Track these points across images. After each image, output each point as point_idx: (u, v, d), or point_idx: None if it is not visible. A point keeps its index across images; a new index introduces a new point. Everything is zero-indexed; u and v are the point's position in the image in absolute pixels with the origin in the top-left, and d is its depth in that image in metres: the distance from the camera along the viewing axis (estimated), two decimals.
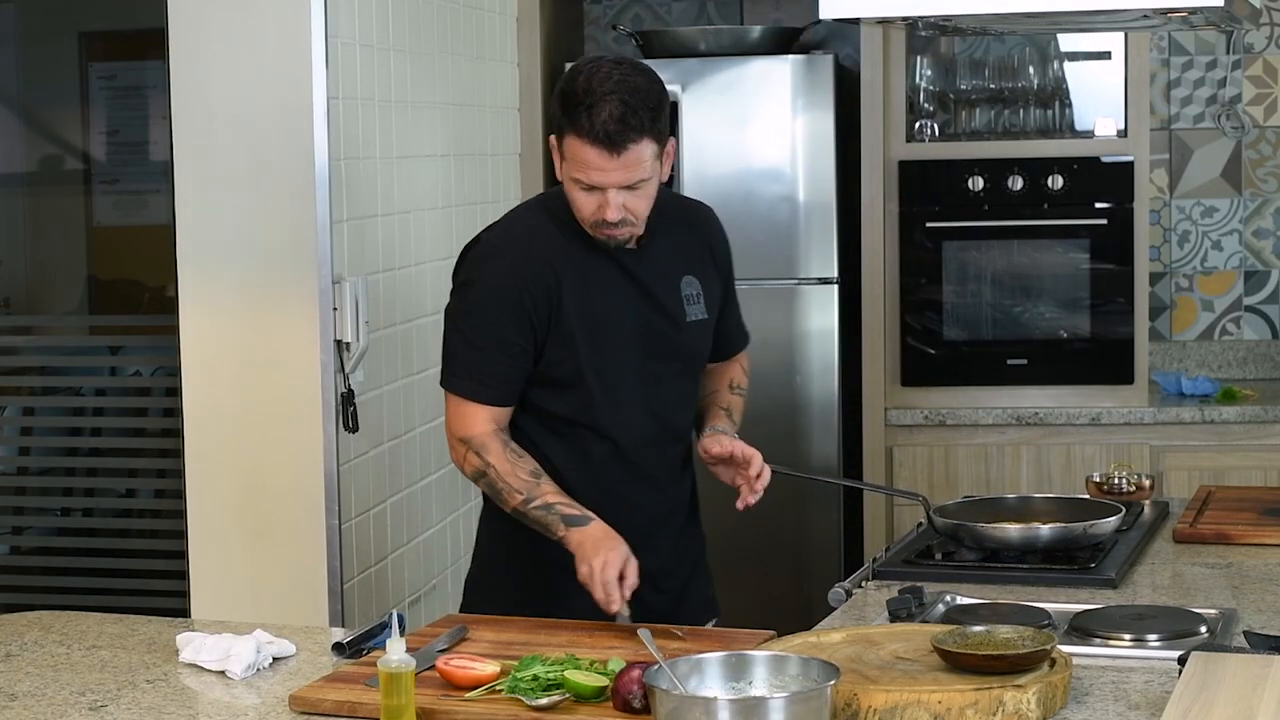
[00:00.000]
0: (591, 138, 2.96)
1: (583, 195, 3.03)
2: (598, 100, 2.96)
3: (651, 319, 3.18)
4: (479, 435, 3.10)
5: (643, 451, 3.21)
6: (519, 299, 3.08)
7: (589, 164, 2.99)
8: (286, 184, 3.88)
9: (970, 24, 3.48)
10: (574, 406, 3.15)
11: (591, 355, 3.12)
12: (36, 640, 3.00)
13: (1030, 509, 3.51)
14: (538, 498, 3.05)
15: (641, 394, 3.19)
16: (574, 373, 3.13)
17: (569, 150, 3.01)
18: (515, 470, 3.07)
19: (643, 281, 3.18)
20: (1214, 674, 2.37)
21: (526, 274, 3.09)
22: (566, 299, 3.10)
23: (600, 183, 3.00)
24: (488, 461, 3.08)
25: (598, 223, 3.05)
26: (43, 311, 5.53)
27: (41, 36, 5.50)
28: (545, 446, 3.17)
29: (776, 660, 2.42)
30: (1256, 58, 5.63)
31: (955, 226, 5.32)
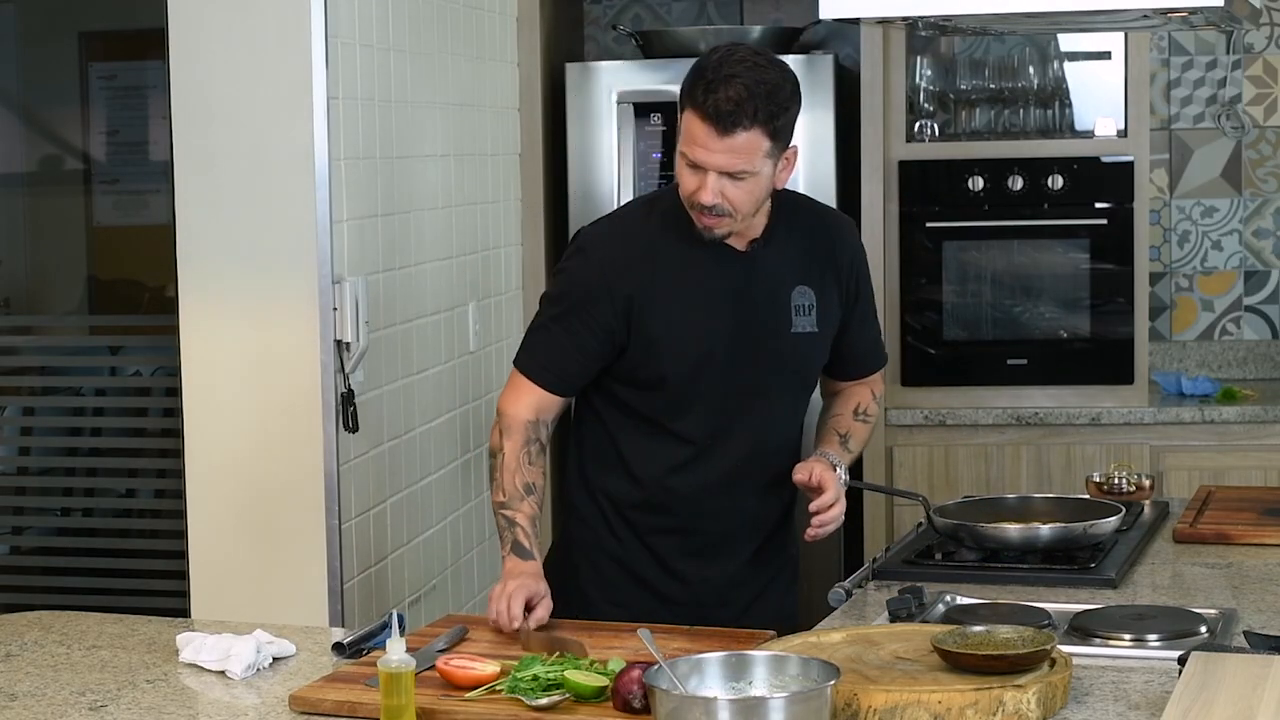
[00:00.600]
0: (704, 113, 2.93)
1: (687, 172, 3.00)
2: (723, 79, 2.93)
3: (751, 327, 3.12)
4: (513, 417, 3.10)
5: (725, 460, 3.16)
6: (598, 301, 3.07)
7: (697, 140, 2.96)
8: (286, 184, 3.88)
9: (970, 24, 3.48)
10: (654, 407, 3.14)
11: (675, 360, 3.09)
12: (36, 640, 3.00)
13: (1030, 509, 3.51)
14: (512, 510, 3.04)
15: (734, 403, 3.14)
16: (656, 377, 3.11)
17: (685, 123, 2.98)
18: (516, 472, 3.07)
19: (746, 287, 3.11)
20: (1214, 674, 2.37)
21: (613, 277, 3.08)
22: (654, 304, 3.07)
23: (703, 161, 2.96)
24: (503, 448, 3.09)
25: (694, 205, 3.01)
26: (43, 311, 5.53)
27: (41, 36, 5.50)
28: (621, 439, 3.17)
29: (776, 660, 2.42)
30: (1256, 58, 5.63)
31: (955, 226, 5.32)
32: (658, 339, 3.08)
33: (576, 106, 5.31)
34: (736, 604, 3.24)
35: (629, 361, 3.10)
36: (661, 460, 3.15)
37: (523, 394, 3.11)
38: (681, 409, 3.13)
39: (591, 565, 3.22)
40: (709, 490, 3.17)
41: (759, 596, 3.28)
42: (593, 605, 3.16)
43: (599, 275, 3.08)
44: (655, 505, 3.17)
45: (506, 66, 5.14)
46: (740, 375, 3.13)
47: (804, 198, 3.32)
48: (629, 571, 3.20)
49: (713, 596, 3.21)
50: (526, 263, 5.21)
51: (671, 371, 3.09)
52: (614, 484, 3.19)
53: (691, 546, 3.20)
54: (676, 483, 3.16)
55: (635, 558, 3.17)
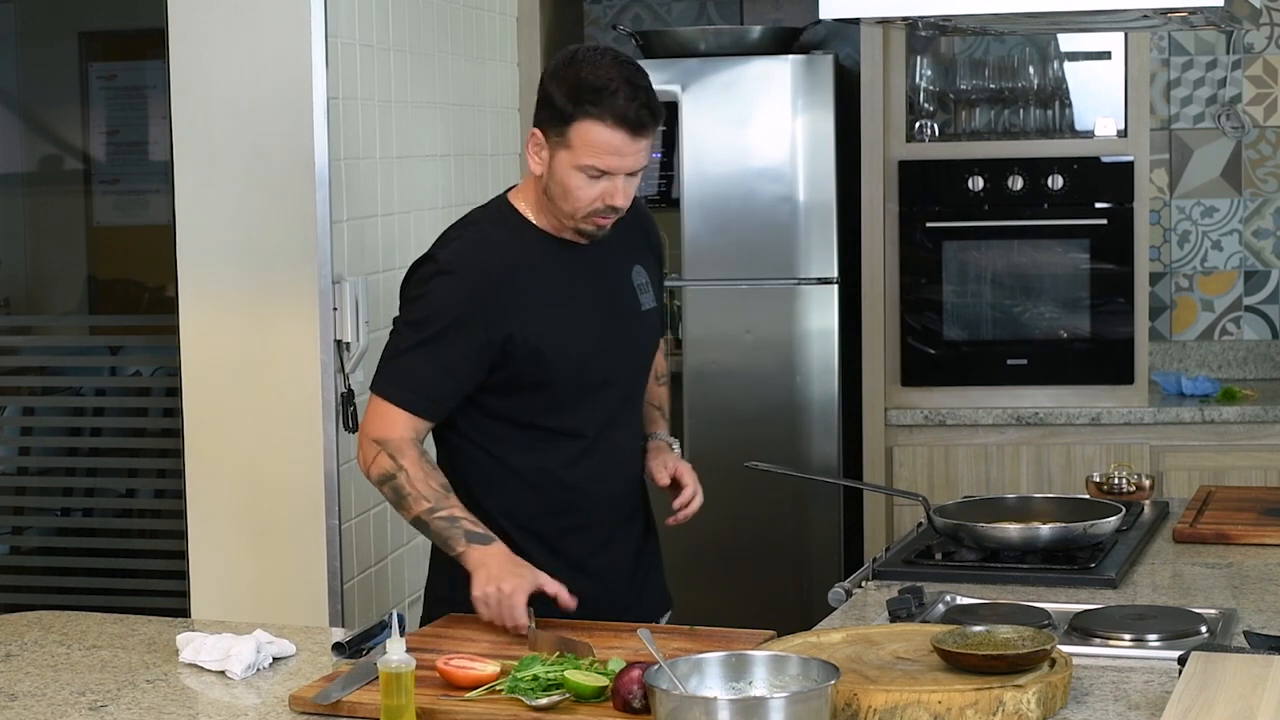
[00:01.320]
0: (617, 121, 2.94)
1: (586, 184, 2.99)
2: (619, 85, 2.94)
3: (612, 312, 3.17)
4: (396, 439, 3.03)
5: (609, 446, 3.19)
6: (472, 323, 3.03)
7: (609, 149, 2.96)
8: (286, 184, 3.88)
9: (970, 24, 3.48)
10: (542, 412, 3.11)
11: (557, 358, 3.08)
12: (36, 640, 3.00)
13: (1030, 509, 3.51)
14: (444, 509, 2.99)
15: (606, 388, 3.16)
16: (542, 382, 3.09)
17: (581, 137, 2.96)
18: (427, 479, 3.01)
19: (601, 276, 3.17)
20: (1214, 674, 2.37)
21: (485, 297, 3.04)
22: (529, 314, 3.06)
23: (617, 168, 2.97)
24: (401, 465, 3.01)
25: (596, 211, 3.01)
26: (43, 311, 5.53)
27: (41, 36, 5.50)
28: (507, 453, 3.13)
29: (776, 660, 2.42)
30: (1256, 58, 5.63)
31: (955, 226, 5.32)
32: (539, 345, 3.06)
33: None
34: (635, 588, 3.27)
35: (511, 373, 3.07)
36: (557, 461, 3.13)
37: (397, 423, 3.04)
38: (570, 407, 3.12)
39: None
40: (604, 479, 3.18)
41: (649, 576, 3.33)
42: None
43: (470, 296, 3.04)
44: (558, 507, 3.14)
45: (506, 66, 5.14)
46: (614, 361, 3.16)
47: None
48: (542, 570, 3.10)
49: (619, 583, 3.22)
50: None
51: (558, 373, 3.08)
52: (510, 499, 3.14)
53: (597, 540, 3.19)
54: (576, 479, 3.14)
55: (545, 565, 3.06)
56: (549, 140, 3.01)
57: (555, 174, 3.02)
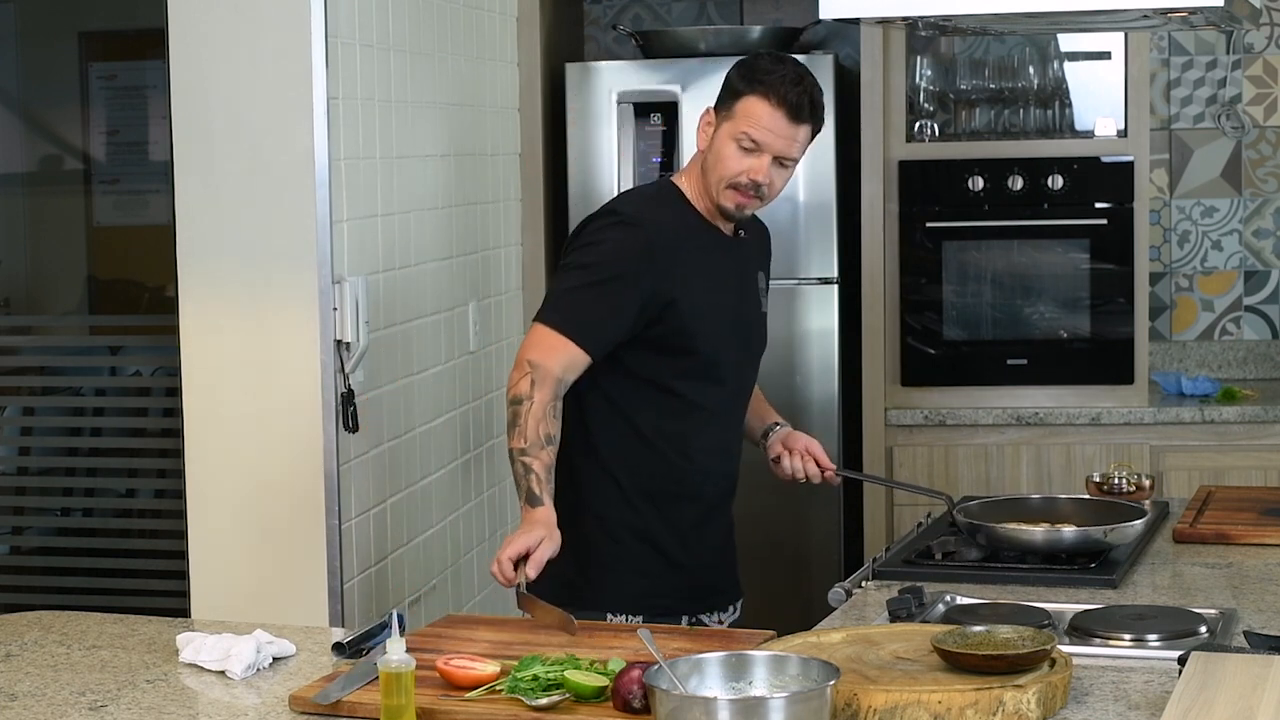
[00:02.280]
0: (779, 100, 3.22)
1: (738, 155, 3.23)
2: (791, 76, 3.24)
3: (746, 304, 3.41)
4: (547, 370, 3.16)
5: (727, 424, 3.40)
6: (643, 275, 3.22)
7: (765, 123, 3.21)
8: (286, 184, 3.88)
9: (970, 24, 3.49)
10: (678, 374, 3.29)
11: (703, 329, 3.28)
12: (36, 640, 3.00)
13: (1054, 510, 3.50)
14: (533, 456, 3.11)
15: (733, 369, 3.38)
16: (684, 345, 3.27)
17: (744, 109, 3.22)
18: (542, 422, 3.13)
19: (740, 272, 3.40)
20: (1214, 674, 2.37)
21: (659, 254, 3.24)
22: (689, 279, 3.26)
23: (766, 143, 3.22)
24: (532, 395, 3.14)
25: (739, 184, 3.25)
26: (43, 311, 5.53)
27: (41, 36, 5.50)
28: (636, 413, 3.30)
29: (776, 660, 2.42)
30: (1256, 58, 5.63)
31: (955, 226, 5.32)
32: (691, 312, 3.26)
33: (576, 106, 5.31)
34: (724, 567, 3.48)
35: (659, 332, 3.25)
36: (681, 428, 3.31)
37: (557, 350, 3.19)
38: (702, 378, 3.31)
39: (613, 540, 3.32)
40: (716, 455, 3.38)
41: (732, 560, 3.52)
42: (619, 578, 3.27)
43: (647, 249, 3.24)
44: (674, 474, 3.32)
45: (506, 66, 5.14)
46: (742, 346, 3.41)
47: None
48: (649, 542, 3.32)
49: (713, 559, 3.42)
50: (526, 263, 5.21)
51: (701, 343, 3.29)
52: (632, 460, 3.32)
53: (701, 512, 3.37)
54: (695, 449, 3.33)
55: (653, 527, 3.31)
56: (718, 116, 3.27)
57: (715, 144, 3.27)
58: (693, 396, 3.32)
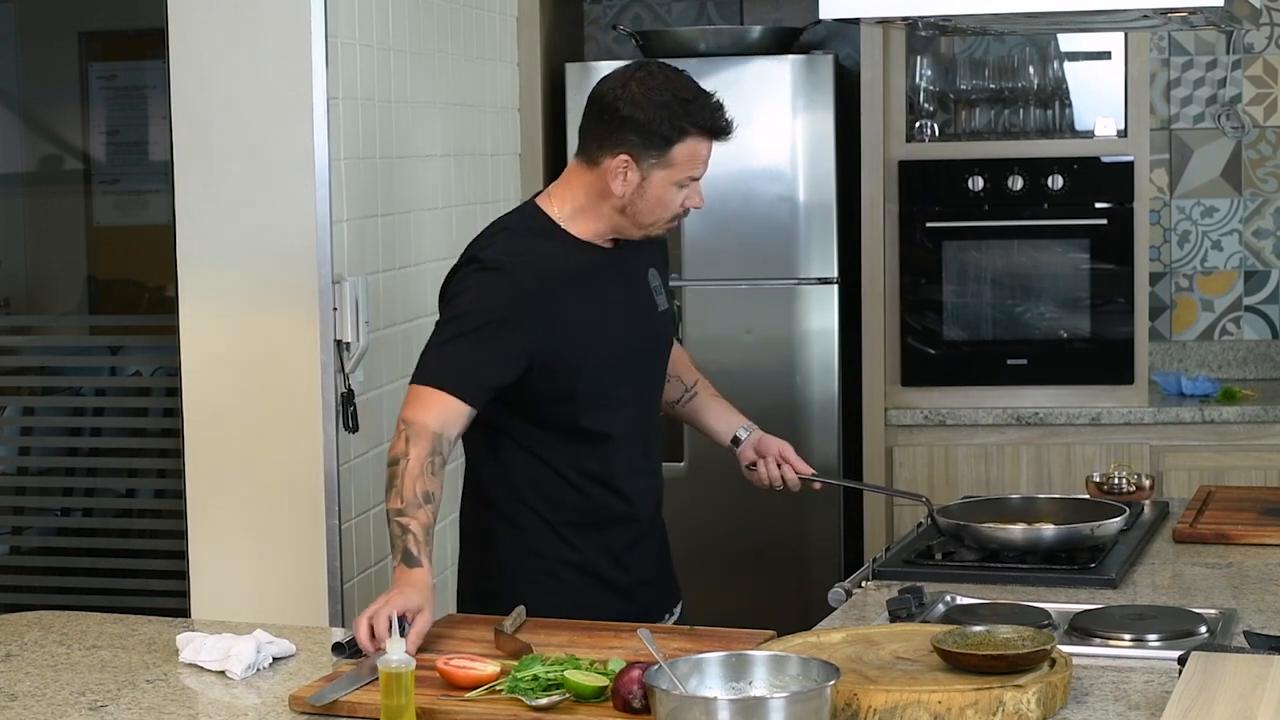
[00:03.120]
0: (716, 132, 3.11)
1: (677, 193, 3.12)
2: (709, 98, 3.13)
3: (636, 315, 3.26)
4: (421, 423, 3.02)
5: (640, 443, 3.27)
6: (518, 321, 3.07)
7: (704, 158, 3.12)
8: (286, 184, 3.88)
9: (970, 24, 3.48)
10: (575, 411, 3.16)
11: (592, 362, 3.14)
12: (36, 640, 3.00)
13: (1034, 510, 3.50)
14: (410, 516, 2.96)
15: (641, 388, 3.27)
16: (574, 382, 3.14)
17: (686, 155, 3.09)
18: (419, 480, 2.99)
19: (626, 280, 3.25)
20: (1214, 674, 2.37)
21: (530, 296, 3.08)
22: (567, 316, 3.11)
23: (703, 174, 3.13)
24: (408, 454, 3.00)
25: (677, 215, 3.15)
26: (43, 311, 5.53)
27: (41, 36, 5.50)
28: (545, 453, 3.18)
29: (776, 660, 2.42)
30: (1256, 58, 5.63)
31: (955, 226, 5.32)
32: (575, 349, 3.12)
33: (576, 106, 5.28)
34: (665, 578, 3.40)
35: (546, 375, 3.11)
36: (593, 460, 3.20)
37: (430, 405, 3.04)
38: (602, 408, 3.18)
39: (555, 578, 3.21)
40: (636, 475, 3.27)
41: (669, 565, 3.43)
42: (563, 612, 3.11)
43: (516, 294, 3.08)
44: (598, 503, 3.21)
45: (506, 66, 5.14)
46: (640, 362, 3.27)
47: None
48: (589, 573, 3.22)
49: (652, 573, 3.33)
50: None
51: (591, 375, 3.15)
52: (553, 496, 3.20)
53: (635, 532, 3.28)
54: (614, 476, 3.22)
55: (589, 556, 3.21)
56: (642, 164, 3.08)
57: (648, 192, 3.10)
58: (598, 428, 3.18)
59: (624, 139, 3.07)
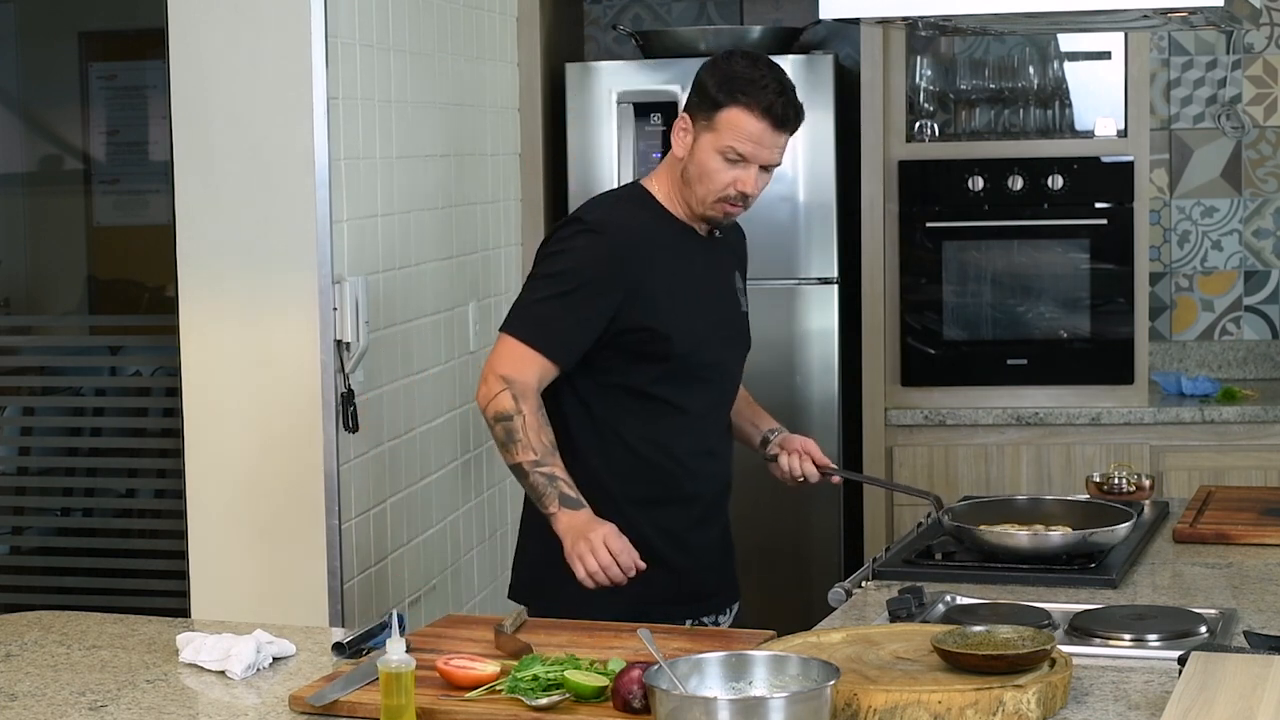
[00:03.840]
0: (763, 110, 3.16)
1: (724, 168, 3.20)
2: (769, 81, 3.18)
3: (724, 304, 3.38)
4: (523, 382, 3.16)
5: (713, 427, 3.37)
6: (611, 284, 3.20)
7: (751, 136, 3.17)
8: (286, 184, 3.88)
9: (970, 24, 3.48)
10: (656, 379, 3.26)
11: (678, 332, 3.25)
12: (36, 640, 3.00)
13: (1040, 511, 3.50)
14: (548, 465, 3.13)
15: (715, 371, 3.35)
16: (659, 350, 3.24)
17: (728, 121, 3.17)
18: (540, 431, 3.14)
19: (717, 272, 3.37)
20: (1214, 674, 2.37)
21: (627, 262, 3.21)
22: (660, 283, 3.23)
23: (754, 156, 3.19)
24: (520, 409, 3.13)
25: (727, 197, 3.22)
26: (43, 311, 5.53)
27: (41, 36, 5.50)
28: (618, 420, 3.27)
29: (776, 660, 2.42)
30: (1256, 58, 5.63)
31: (955, 226, 5.32)
32: (665, 316, 3.23)
33: (576, 106, 5.31)
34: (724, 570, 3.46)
35: (633, 338, 3.23)
36: (665, 433, 3.29)
37: (529, 364, 3.18)
38: (682, 382, 3.28)
39: None
40: (704, 456, 3.35)
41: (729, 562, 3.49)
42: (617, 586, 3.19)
43: (613, 256, 3.21)
44: (662, 478, 3.29)
45: (506, 66, 5.14)
46: (723, 348, 3.37)
47: None
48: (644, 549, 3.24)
49: (711, 561, 3.40)
50: (526, 263, 5.20)
51: (677, 346, 3.25)
52: (619, 467, 3.29)
53: (694, 515, 3.35)
54: (681, 453, 3.31)
55: (647, 533, 3.26)
56: (696, 124, 3.22)
57: (696, 156, 3.22)
58: (675, 400, 3.28)
59: (690, 101, 3.25)
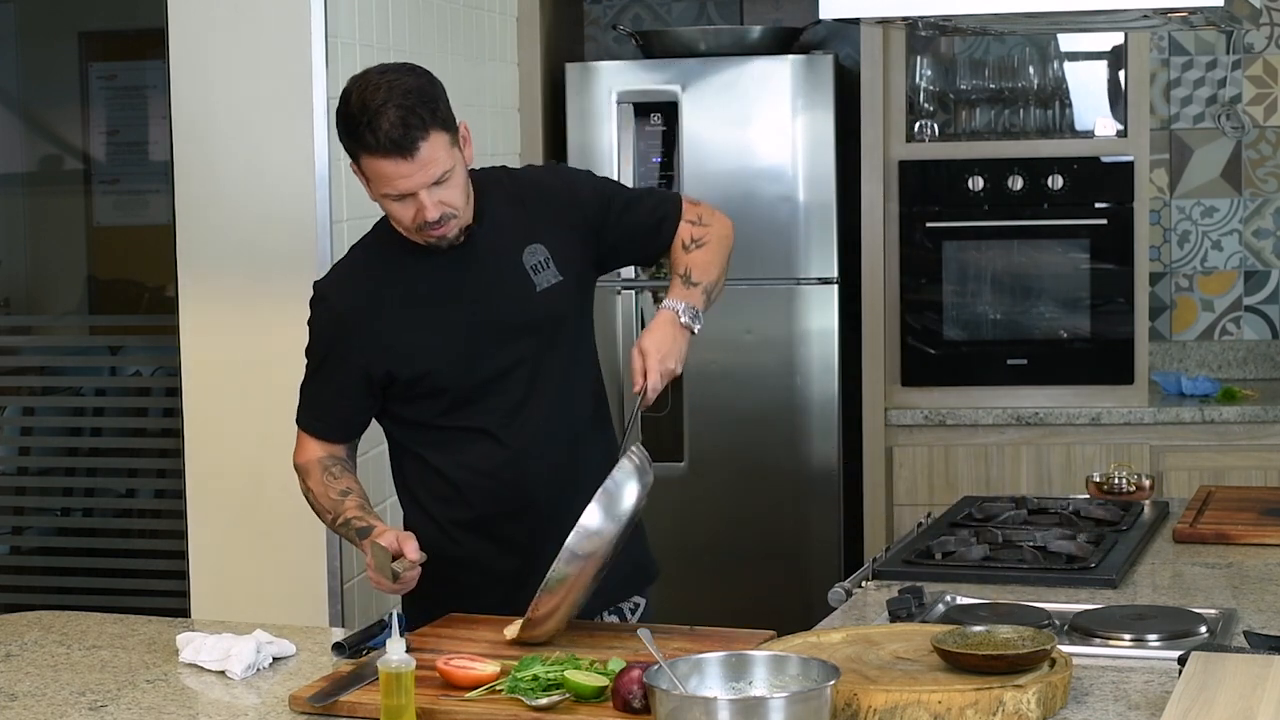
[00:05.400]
0: (381, 151, 2.97)
1: (398, 207, 3.04)
2: (375, 113, 2.96)
3: (491, 307, 3.14)
4: (304, 463, 3.19)
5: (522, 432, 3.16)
6: (347, 345, 3.13)
7: (390, 176, 2.99)
8: (286, 184, 3.88)
9: (970, 24, 3.48)
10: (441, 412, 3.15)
11: (436, 369, 3.11)
12: (36, 640, 3.00)
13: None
14: (341, 514, 3.10)
15: (502, 380, 3.15)
16: (429, 388, 3.13)
17: (368, 170, 3.02)
18: (327, 491, 3.14)
19: (474, 273, 3.14)
20: (1214, 674, 2.37)
21: (355, 319, 3.12)
22: (404, 326, 3.11)
23: (406, 189, 3.00)
24: (308, 487, 3.18)
25: (421, 226, 3.04)
26: (43, 311, 5.54)
27: (41, 36, 5.50)
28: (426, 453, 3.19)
29: (776, 660, 2.42)
30: (1256, 58, 5.63)
31: (955, 226, 5.32)
32: (415, 361, 3.12)
33: (576, 106, 5.31)
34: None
35: (401, 387, 3.14)
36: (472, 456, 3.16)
37: (307, 446, 3.20)
38: (468, 406, 3.15)
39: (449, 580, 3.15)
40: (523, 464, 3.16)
41: None
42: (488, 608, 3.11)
43: (339, 324, 3.14)
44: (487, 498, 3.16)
45: (506, 66, 5.14)
46: (502, 353, 3.14)
47: (498, 170, 3.34)
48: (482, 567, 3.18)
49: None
50: None
51: (442, 380, 3.13)
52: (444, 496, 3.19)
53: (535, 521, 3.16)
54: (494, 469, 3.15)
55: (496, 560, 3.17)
56: (359, 172, 3.07)
57: (379, 203, 3.08)
58: (470, 424, 3.15)
59: None
